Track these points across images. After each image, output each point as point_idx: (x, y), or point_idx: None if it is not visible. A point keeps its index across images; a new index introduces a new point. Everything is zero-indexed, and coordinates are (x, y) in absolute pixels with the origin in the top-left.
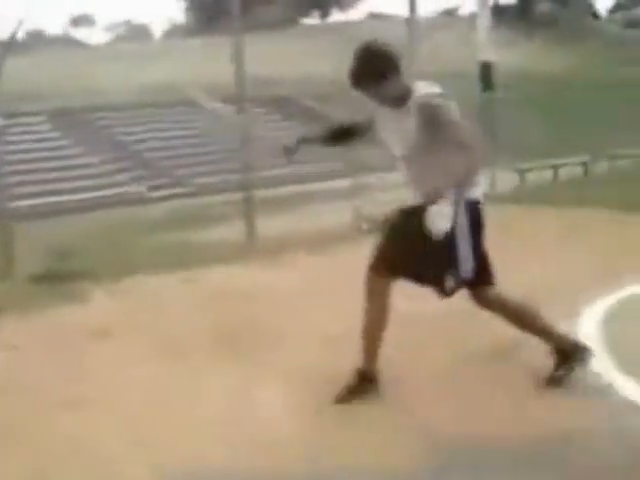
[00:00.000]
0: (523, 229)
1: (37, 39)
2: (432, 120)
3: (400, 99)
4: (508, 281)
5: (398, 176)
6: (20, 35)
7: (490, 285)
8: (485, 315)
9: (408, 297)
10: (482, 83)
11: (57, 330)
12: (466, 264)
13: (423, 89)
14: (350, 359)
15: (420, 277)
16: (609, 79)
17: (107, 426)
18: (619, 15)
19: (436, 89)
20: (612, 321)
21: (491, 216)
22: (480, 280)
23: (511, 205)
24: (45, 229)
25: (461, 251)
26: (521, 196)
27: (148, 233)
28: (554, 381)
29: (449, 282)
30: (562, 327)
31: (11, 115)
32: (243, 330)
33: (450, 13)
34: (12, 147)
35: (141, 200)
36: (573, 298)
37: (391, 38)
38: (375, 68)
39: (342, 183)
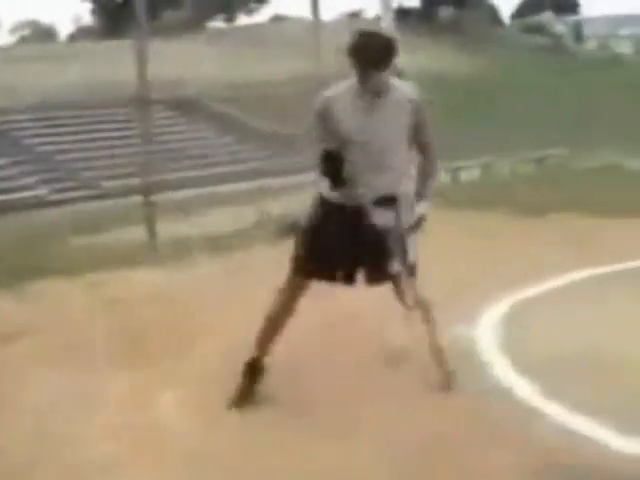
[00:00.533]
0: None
1: None
2: (421, 117)
3: (381, 91)
4: None
5: (301, 179)
6: None
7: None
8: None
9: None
10: None
11: None
12: (413, 251)
13: (403, 85)
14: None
15: (352, 267)
16: (508, 83)
17: (12, 429)
18: (517, 22)
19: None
20: (511, 322)
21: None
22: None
23: None
24: None
25: (410, 240)
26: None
27: (52, 236)
28: (444, 384)
29: (395, 266)
30: (461, 329)
31: None
32: (145, 333)
33: (354, 16)
34: None
35: (45, 203)
36: (472, 300)
37: (296, 40)
38: (388, 53)
39: (245, 186)
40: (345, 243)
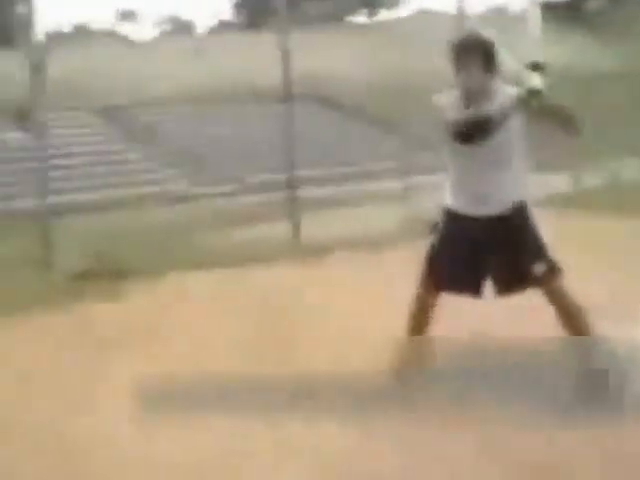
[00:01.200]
0: (578, 235)
1: (83, 34)
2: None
3: (480, 94)
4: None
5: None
6: (67, 30)
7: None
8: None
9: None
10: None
11: (91, 327)
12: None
13: (511, 89)
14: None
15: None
16: None
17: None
18: None
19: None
20: None
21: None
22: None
23: (565, 209)
24: (85, 225)
25: (544, 240)
26: (575, 200)
27: (191, 231)
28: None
29: (539, 269)
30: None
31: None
32: (283, 331)
33: (500, 10)
34: (57, 140)
35: (185, 198)
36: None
37: (440, 35)
38: (486, 54)
39: (393, 184)
40: (470, 254)
